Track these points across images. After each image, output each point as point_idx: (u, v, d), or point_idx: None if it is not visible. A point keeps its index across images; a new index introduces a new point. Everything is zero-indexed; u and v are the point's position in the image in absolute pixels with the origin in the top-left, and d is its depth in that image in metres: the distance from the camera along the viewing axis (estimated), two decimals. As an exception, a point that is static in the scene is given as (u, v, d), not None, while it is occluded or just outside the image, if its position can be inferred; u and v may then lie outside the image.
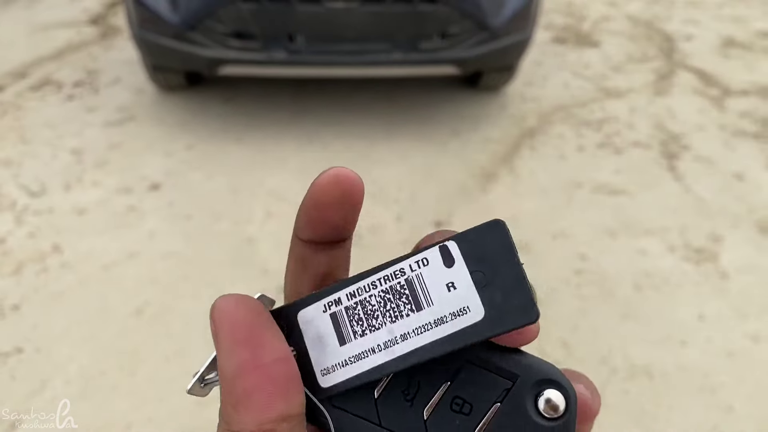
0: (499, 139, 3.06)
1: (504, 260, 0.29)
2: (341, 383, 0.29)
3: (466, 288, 0.28)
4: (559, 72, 3.78)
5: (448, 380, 0.30)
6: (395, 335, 0.29)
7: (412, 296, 0.29)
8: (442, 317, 0.28)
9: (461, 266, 0.29)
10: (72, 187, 2.62)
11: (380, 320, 0.29)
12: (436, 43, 2.79)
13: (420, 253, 0.30)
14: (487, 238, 0.30)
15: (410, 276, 0.29)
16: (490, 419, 0.29)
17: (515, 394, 0.29)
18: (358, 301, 0.29)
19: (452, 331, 0.28)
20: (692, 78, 3.76)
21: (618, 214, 2.56)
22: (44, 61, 3.71)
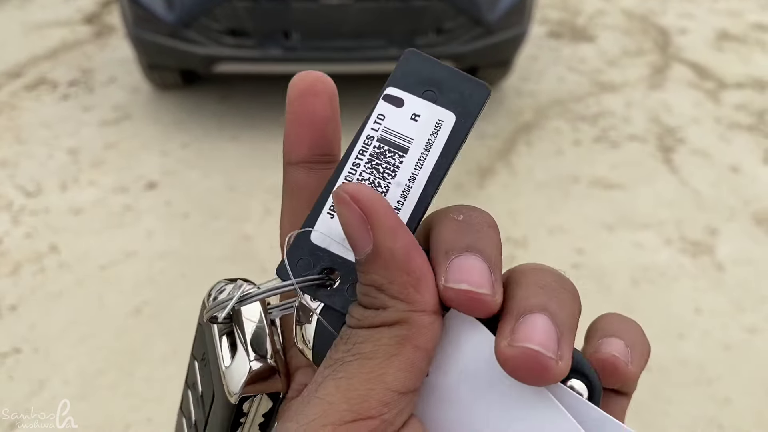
0: (495, 135, 3.06)
1: (435, 71, 0.31)
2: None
3: (427, 109, 0.30)
4: (555, 66, 3.78)
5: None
6: (404, 183, 0.30)
7: (393, 146, 0.30)
8: (428, 141, 0.30)
9: (410, 97, 0.31)
10: (68, 186, 2.61)
11: (384, 183, 0.30)
12: (431, 39, 2.80)
13: (372, 114, 0.32)
14: (411, 66, 0.31)
15: (379, 135, 0.31)
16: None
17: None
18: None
19: (443, 144, 0.30)
20: (687, 71, 3.77)
21: (614, 209, 2.57)
22: (39, 61, 3.70)
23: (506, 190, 2.67)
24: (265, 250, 2.30)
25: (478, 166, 2.82)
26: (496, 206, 2.56)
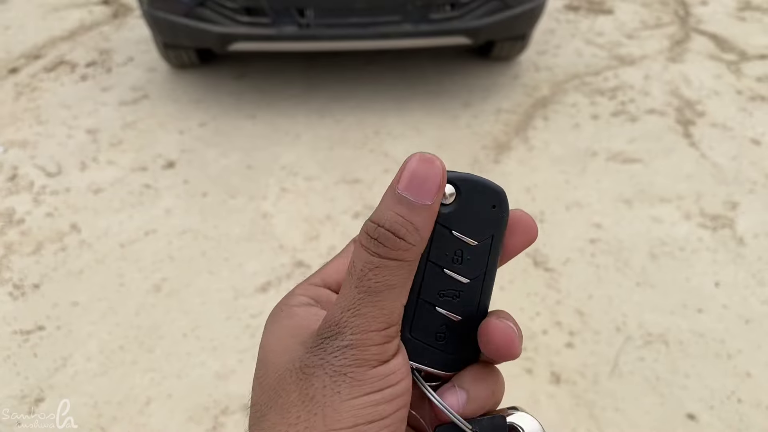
0: (512, 110, 3.04)
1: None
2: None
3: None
4: (572, 40, 3.73)
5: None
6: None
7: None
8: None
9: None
10: (88, 166, 2.64)
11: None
12: (446, 13, 2.76)
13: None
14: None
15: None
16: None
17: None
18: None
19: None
20: (708, 43, 3.70)
21: (633, 183, 2.54)
22: (57, 42, 3.72)
23: (523, 166, 2.65)
24: (282, 227, 2.32)
25: (495, 142, 2.80)
26: (513, 182, 2.55)
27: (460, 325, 0.36)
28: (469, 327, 0.36)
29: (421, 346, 0.36)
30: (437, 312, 0.36)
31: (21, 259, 2.18)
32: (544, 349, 1.87)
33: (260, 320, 1.95)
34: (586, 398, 1.74)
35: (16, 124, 2.92)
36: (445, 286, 0.36)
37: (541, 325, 1.95)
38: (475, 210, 0.35)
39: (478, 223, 0.36)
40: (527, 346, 1.87)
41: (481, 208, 0.36)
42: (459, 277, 0.36)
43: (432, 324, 0.35)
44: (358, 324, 0.33)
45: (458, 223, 0.35)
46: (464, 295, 0.36)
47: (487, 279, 0.36)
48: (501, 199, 0.36)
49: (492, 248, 0.36)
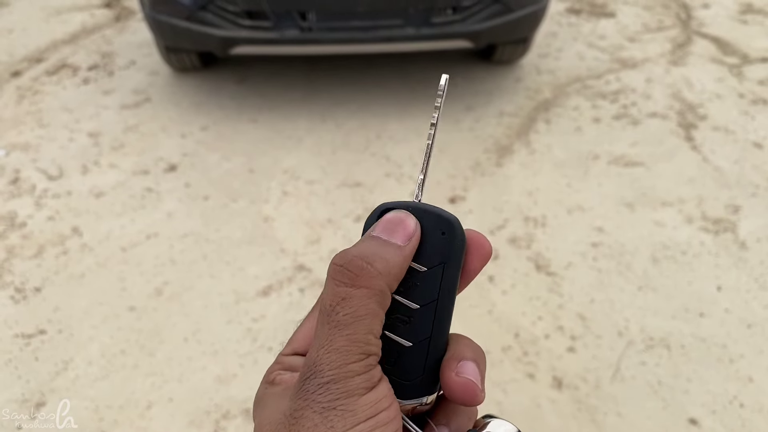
0: (514, 113, 3.04)
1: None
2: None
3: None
4: (574, 43, 3.73)
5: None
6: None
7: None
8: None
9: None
10: (89, 170, 2.64)
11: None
12: (448, 17, 2.77)
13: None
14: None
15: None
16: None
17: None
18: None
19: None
20: (710, 46, 3.69)
21: (635, 186, 2.54)
22: (59, 45, 3.73)
23: (525, 169, 2.65)
24: (283, 230, 2.32)
25: (497, 145, 2.80)
26: (515, 185, 2.55)
27: (411, 351, 0.36)
28: (422, 354, 0.36)
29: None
30: (387, 337, 0.36)
31: (23, 263, 2.18)
32: (546, 354, 1.86)
33: (262, 324, 1.95)
34: (588, 403, 1.74)
35: (19, 128, 2.93)
36: (395, 311, 0.36)
37: (543, 329, 1.94)
38: (425, 238, 0.36)
39: (429, 251, 0.36)
40: (529, 351, 1.87)
41: (432, 236, 0.36)
42: (408, 303, 0.36)
43: (383, 350, 0.35)
44: (334, 359, 0.33)
45: None
46: (415, 321, 0.36)
47: (440, 306, 0.36)
48: (451, 227, 0.36)
49: (444, 275, 0.36)
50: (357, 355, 0.33)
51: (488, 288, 2.08)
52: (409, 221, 0.36)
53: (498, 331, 1.94)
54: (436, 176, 2.60)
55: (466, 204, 2.45)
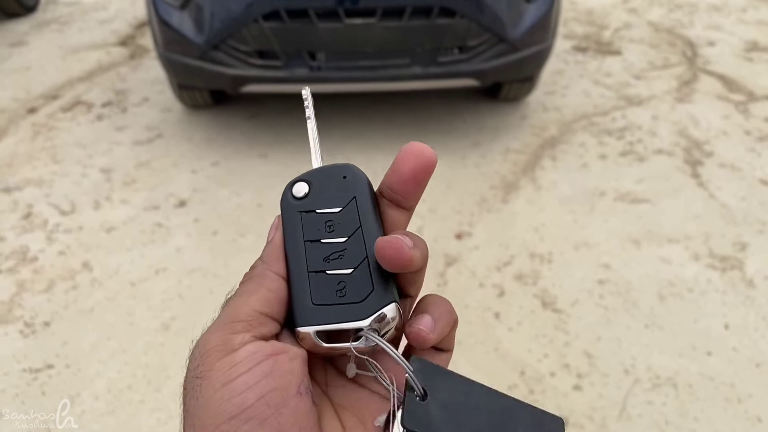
0: (520, 150, 3.07)
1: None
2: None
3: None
4: (581, 81, 3.77)
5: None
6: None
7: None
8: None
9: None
10: (101, 205, 2.69)
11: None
12: (454, 56, 2.82)
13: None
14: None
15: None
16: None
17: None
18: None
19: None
20: (715, 83, 3.72)
21: (641, 223, 2.55)
22: (75, 83, 3.82)
23: (531, 205, 2.67)
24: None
25: (503, 181, 2.82)
26: (521, 221, 2.56)
27: (354, 275, 0.39)
28: (366, 272, 0.38)
29: (325, 309, 0.38)
30: (329, 275, 0.39)
31: (33, 297, 2.21)
32: (552, 392, 1.86)
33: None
34: (594, 442, 1.72)
35: (33, 163, 2.99)
36: (327, 252, 0.39)
37: (549, 367, 1.94)
38: (329, 188, 0.42)
39: (337, 195, 0.41)
40: (535, 390, 1.86)
41: (334, 183, 0.42)
42: (335, 240, 0.40)
43: (329, 286, 0.38)
44: (207, 330, 0.36)
45: (318, 203, 0.41)
46: (348, 251, 0.39)
47: (366, 229, 0.40)
48: (348, 168, 0.42)
49: (359, 205, 0.41)
50: (222, 320, 0.37)
51: (494, 325, 2.08)
52: (275, 222, 0.42)
53: (504, 369, 1.93)
54: (441, 212, 2.62)
55: (472, 240, 2.47)
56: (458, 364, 1.91)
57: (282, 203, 0.42)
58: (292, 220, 0.41)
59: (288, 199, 0.42)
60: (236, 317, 0.36)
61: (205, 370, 0.34)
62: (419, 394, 0.36)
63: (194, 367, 0.34)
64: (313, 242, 0.40)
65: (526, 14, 2.87)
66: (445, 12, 2.70)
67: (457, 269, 2.32)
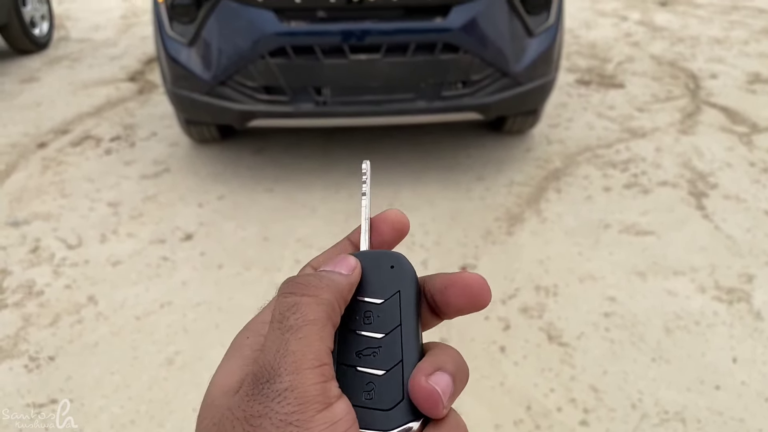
0: (525, 182, 3.08)
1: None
2: None
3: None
4: (584, 113, 3.80)
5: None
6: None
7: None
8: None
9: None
10: (108, 238, 2.70)
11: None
12: (458, 91, 2.85)
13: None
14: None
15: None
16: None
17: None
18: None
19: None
20: (719, 115, 3.74)
21: (646, 255, 2.54)
22: (84, 118, 3.87)
23: (536, 238, 2.67)
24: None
25: (508, 214, 2.83)
26: (526, 253, 2.56)
27: (385, 378, 0.36)
28: (398, 379, 0.36)
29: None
30: (359, 372, 0.36)
31: (38, 332, 2.21)
32: (559, 427, 1.83)
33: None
34: (602, 479, 1.70)
35: (42, 197, 3.02)
36: (361, 346, 0.37)
37: (555, 402, 1.92)
38: (375, 275, 0.39)
39: (381, 285, 0.39)
40: (541, 425, 1.84)
41: (381, 271, 0.39)
42: (371, 335, 0.37)
43: (358, 385, 0.36)
44: (291, 362, 0.32)
45: (361, 289, 0.39)
46: (383, 350, 0.37)
47: (405, 330, 0.37)
48: (398, 259, 0.40)
49: (402, 301, 0.38)
50: (311, 360, 0.33)
51: (500, 359, 2.07)
52: (349, 258, 0.39)
53: (509, 404, 1.91)
54: (446, 244, 2.63)
55: (477, 272, 2.46)
56: (463, 400, 1.89)
57: None
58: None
59: None
60: (319, 351, 0.33)
61: (304, 419, 0.31)
62: None
63: (288, 412, 0.31)
64: (349, 331, 0.38)
65: (528, 49, 2.91)
66: (449, 48, 2.75)
67: (462, 302, 2.31)
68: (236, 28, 2.75)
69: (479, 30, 2.78)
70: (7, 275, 2.49)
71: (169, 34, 2.87)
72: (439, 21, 2.74)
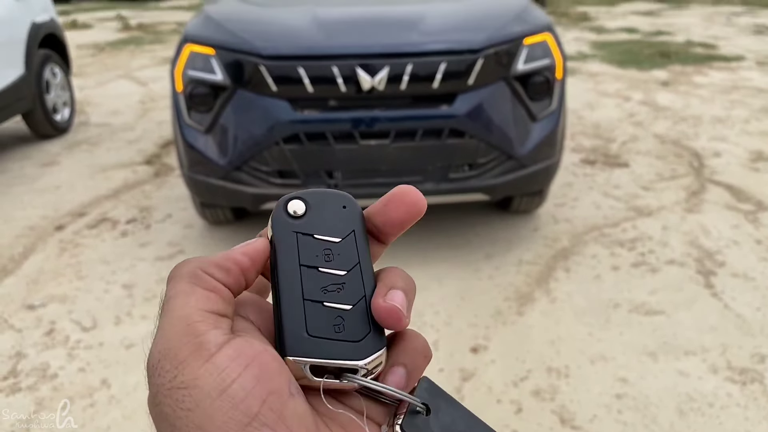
0: (533, 261, 3.12)
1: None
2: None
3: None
4: (590, 192, 3.87)
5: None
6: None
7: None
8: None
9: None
10: (122, 321, 2.74)
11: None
12: (465, 173, 2.93)
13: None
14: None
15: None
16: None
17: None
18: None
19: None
20: (724, 193, 3.80)
21: (656, 335, 2.54)
22: (102, 200, 3.98)
23: (546, 318, 2.68)
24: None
25: (517, 293, 2.85)
26: (536, 334, 2.57)
27: (353, 312, 0.38)
28: (364, 313, 0.38)
29: (321, 342, 0.36)
30: (327, 307, 0.38)
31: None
32: None
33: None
34: None
35: (58, 279, 3.08)
36: (325, 282, 0.38)
37: (569, 487, 1.89)
38: (331, 215, 0.41)
39: (337, 224, 0.41)
40: None
41: (333, 211, 0.41)
42: (334, 272, 0.39)
43: (326, 319, 0.37)
44: (160, 336, 0.34)
45: (317, 228, 0.40)
46: (347, 286, 0.39)
47: (364, 266, 0.40)
48: (349, 200, 0.42)
49: (357, 240, 0.40)
50: (178, 326, 0.33)
51: (512, 442, 2.05)
52: (253, 240, 0.40)
53: (523, 490, 1.89)
54: (457, 325, 2.64)
55: (488, 354, 2.47)
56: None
57: (274, 219, 0.40)
58: (287, 238, 0.39)
59: (282, 216, 0.40)
60: (190, 318, 0.34)
61: (188, 379, 0.31)
62: (422, 409, 0.37)
63: (170, 379, 0.32)
64: (310, 268, 0.38)
65: (532, 133, 3.01)
66: (455, 133, 2.85)
67: (473, 385, 2.31)
68: (252, 117, 2.87)
69: (484, 116, 2.89)
70: (22, 358, 2.52)
71: (186, 122, 3.00)
72: (445, 108, 2.85)
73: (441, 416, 0.37)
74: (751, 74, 7.15)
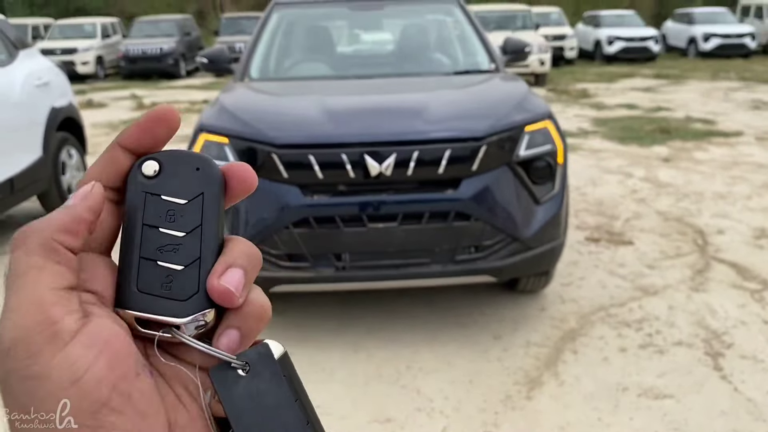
0: (541, 343, 3.13)
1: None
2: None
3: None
4: (596, 271, 3.91)
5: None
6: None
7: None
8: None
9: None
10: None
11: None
12: (471, 255, 2.99)
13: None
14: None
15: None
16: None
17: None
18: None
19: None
20: (729, 272, 3.83)
21: (666, 421, 2.53)
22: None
23: (555, 402, 2.67)
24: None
25: (526, 377, 2.85)
26: (546, 420, 2.56)
27: (183, 273, 0.39)
28: (195, 274, 0.39)
29: (147, 297, 0.37)
30: (160, 266, 0.38)
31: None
32: None
33: None
34: None
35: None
36: (163, 242, 0.39)
37: None
38: (179, 176, 0.40)
39: (185, 185, 0.40)
40: None
41: (186, 173, 0.40)
42: (174, 232, 0.39)
43: (156, 277, 0.38)
44: (10, 320, 0.33)
45: (165, 188, 0.40)
46: (183, 247, 0.39)
47: (206, 229, 0.40)
48: (205, 161, 0.41)
49: (205, 203, 0.40)
50: (31, 313, 0.32)
51: None
52: (86, 186, 0.37)
53: None
54: (466, 410, 2.64)
55: (497, 440, 2.46)
56: None
57: (129, 179, 0.40)
58: (136, 198, 0.40)
59: (135, 176, 0.40)
60: (43, 303, 0.33)
61: (42, 370, 0.32)
62: (238, 365, 0.38)
63: (23, 368, 0.32)
64: (152, 228, 0.39)
65: (536, 215, 3.08)
66: (461, 216, 2.92)
67: (482, 472, 2.29)
68: (263, 202, 2.96)
69: (489, 199, 2.97)
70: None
71: (199, 207, 3.08)
72: (451, 192, 2.94)
73: (256, 382, 0.38)
74: (750, 149, 7.29)
